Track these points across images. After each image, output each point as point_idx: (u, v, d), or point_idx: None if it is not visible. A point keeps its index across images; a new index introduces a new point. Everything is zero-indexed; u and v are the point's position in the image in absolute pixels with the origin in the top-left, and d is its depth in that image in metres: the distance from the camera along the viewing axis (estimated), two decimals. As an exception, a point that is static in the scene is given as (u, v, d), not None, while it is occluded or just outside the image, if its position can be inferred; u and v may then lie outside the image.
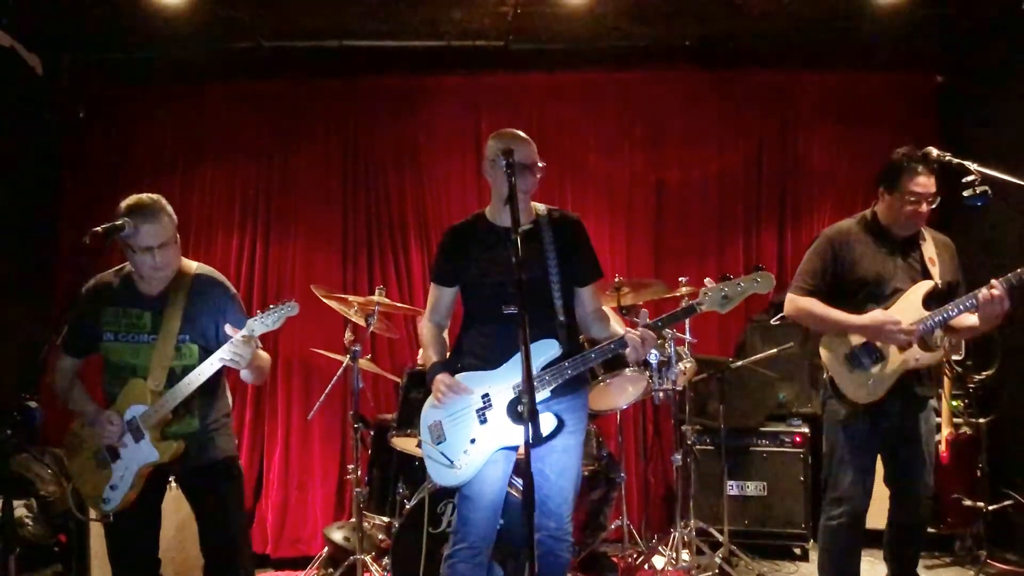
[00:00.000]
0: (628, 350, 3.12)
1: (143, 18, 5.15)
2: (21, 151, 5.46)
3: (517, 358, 3.13)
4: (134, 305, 3.24)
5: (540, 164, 3.28)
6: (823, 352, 3.71)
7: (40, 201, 5.71)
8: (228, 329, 3.14)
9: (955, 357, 5.20)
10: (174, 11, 5.05)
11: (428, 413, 3.32)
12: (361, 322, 4.82)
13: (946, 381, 5.14)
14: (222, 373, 3.33)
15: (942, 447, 5.05)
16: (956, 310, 3.49)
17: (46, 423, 5.12)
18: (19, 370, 5.05)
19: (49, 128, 5.77)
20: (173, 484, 3.43)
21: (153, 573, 3.32)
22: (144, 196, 3.19)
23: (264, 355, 3.34)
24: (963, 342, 5.11)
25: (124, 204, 3.16)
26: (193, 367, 3.16)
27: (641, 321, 3.16)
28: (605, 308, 3.50)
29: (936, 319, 3.51)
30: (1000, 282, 3.38)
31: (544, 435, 3.07)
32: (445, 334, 3.50)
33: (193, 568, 4.06)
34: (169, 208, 3.20)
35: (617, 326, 3.30)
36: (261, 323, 3.11)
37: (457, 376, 3.26)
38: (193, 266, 3.34)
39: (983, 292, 3.40)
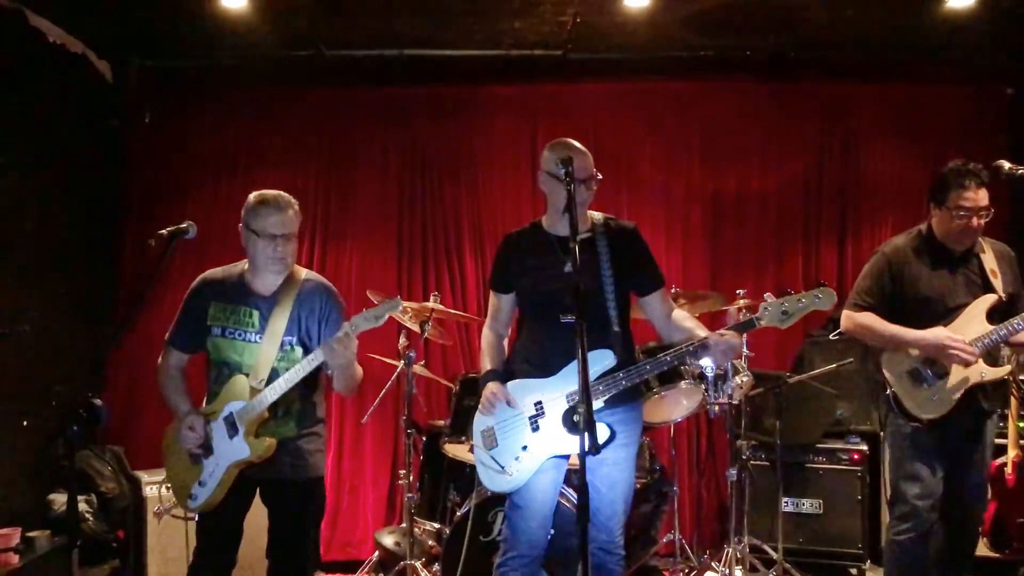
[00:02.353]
0: (708, 356, 3.06)
1: (208, 26, 5.27)
2: (89, 156, 5.61)
3: (571, 367, 3.11)
4: (244, 303, 3.28)
5: (597, 175, 3.27)
6: (885, 368, 3.65)
7: (106, 204, 5.85)
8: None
9: (1022, 377, 5.04)
10: (238, 19, 5.15)
11: (480, 420, 3.32)
12: (415, 328, 4.84)
13: (1013, 402, 4.98)
14: (319, 379, 3.35)
15: (1008, 469, 4.89)
16: (1018, 326, 3.42)
17: (108, 421, 5.28)
18: (86, 368, 5.18)
19: (116, 133, 5.91)
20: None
21: None
22: (273, 191, 3.32)
23: (359, 369, 3.31)
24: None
25: (254, 194, 3.30)
26: None
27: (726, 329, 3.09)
28: (684, 312, 3.39)
29: (1001, 333, 3.45)
30: None
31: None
32: (505, 342, 3.50)
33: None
34: (296, 205, 3.31)
35: (700, 329, 3.22)
36: (364, 319, 3.09)
37: (510, 383, 3.26)
38: (303, 272, 3.39)
39: None
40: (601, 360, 3.11)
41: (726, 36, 5.56)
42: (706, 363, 4.57)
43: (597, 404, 3.11)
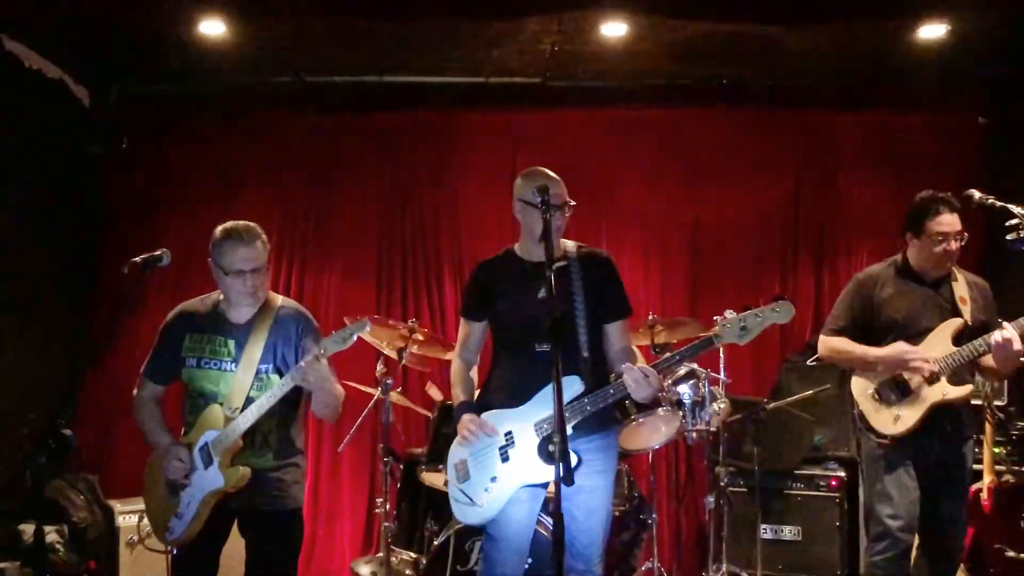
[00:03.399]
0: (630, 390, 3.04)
1: (188, 52, 5.27)
2: (65, 181, 5.58)
3: (540, 395, 3.11)
4: (219, 333, 3.26)
5: (571, 203, 3.28)
6: (853, 388, 3.76)
7: (81, 231, 5.82)
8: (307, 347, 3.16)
9: (997, 403, 5.07)
10: (217, 45, 5.16)
11: (455, 452, 3.29)
12: (393, 355, 4.81)
13: (988, 427, 5.01)
14: (298, 409, 3.32)
15: (984, 495, 4.91)
16: (980, 348, 3.50)
17: (80, 449, 5.21)
18: (57, 398, 5.11)
19: (93, 159, 5.88)
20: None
21: None
22: (240, 222, 3.26)
23: (339, 388, 3.29)
24: (1005, 387, 5.03)
25: (219, 228, 3.24)
26: None
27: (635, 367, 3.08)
28: (633, 347, 3.44)
29: (964, 354, 3.53)
30: (1011, 325, 3.41)
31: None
32: (474, 371, 3.48)
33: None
34: (263, 236, 3.25)
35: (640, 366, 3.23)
36: (332, 341, 3.07)
37: (484, 414, 3.23)
38: (279, 299, 3.37)
39: (995, 335, 3.42)
40: (569, 387, 3.06)
41: (704, 65, 5.62)
42: (683, 390, 4.58)
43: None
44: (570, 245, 3.36)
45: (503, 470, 3.17)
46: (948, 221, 3.60)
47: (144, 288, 4.08)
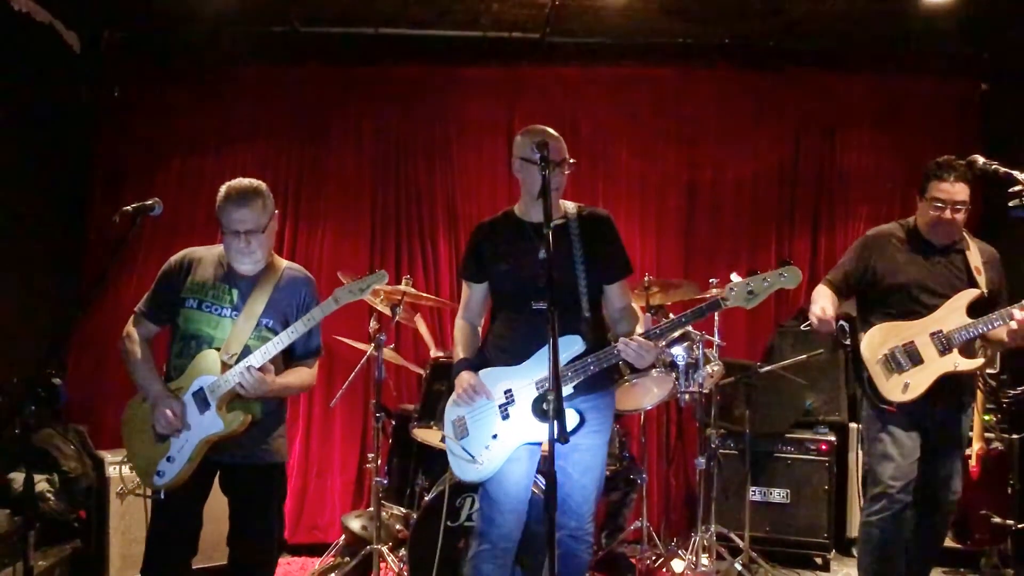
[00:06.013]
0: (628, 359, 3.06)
1: (181, -2, 5.16)
2: (56, 128, 5.48)
3: (540, 353, 3.11)
4: (223, 280, 3.24)
5: (570, 161, 3.24)
6: (864, 352, 3.73)
7: (72, 179, 5.73)
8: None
9: (989, 371, 5.10)
10: (212, -9, 5.06)
11: (451, 409, 3.29)
12: (387, 311, 4.79)
13: (979, 395, 5.05)
14: (282, 368, 3.30)
15: (972, 462, 4.95)
16: (995, 323, 3.50)
17: (71, 400, 5.19)
18: (46, 346, 5.08)
19: (84, 106, 5.78)
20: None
21: (185, 566, 3.26)
22: (244, 181, 3.21)
23: (300, 380, 3.32)
24: (998, 355, 5.05)
25: (224, 185, 3.20)
26: None
27: (642, 328, 3.11)
28: (635, 307, 3.44)
29: (979, 328, 3.53)
30: None
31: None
32: (479, 331, 3.47)
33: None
34: (267, 197, 3.20)
35: (640, 328, 3.25)
36: (348, 292, 3.08)
37: (482, 372, 3.23)
38: (284, 262, 3.36)
39: (1018, 313, 3.41)
40: (570, 346, 3.09)
41: (705, 23, 5.55)
42: (677, 352, 4.58)
43: (567, 390, 3.09)
44: (570, 205, 3.35)
45: (504, 428, 3.17)
46: (947, 189, 3.59)
47: (136, 237, 4.03)
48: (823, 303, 3.72)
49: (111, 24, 5.65)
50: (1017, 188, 3.31)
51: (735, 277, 3.00)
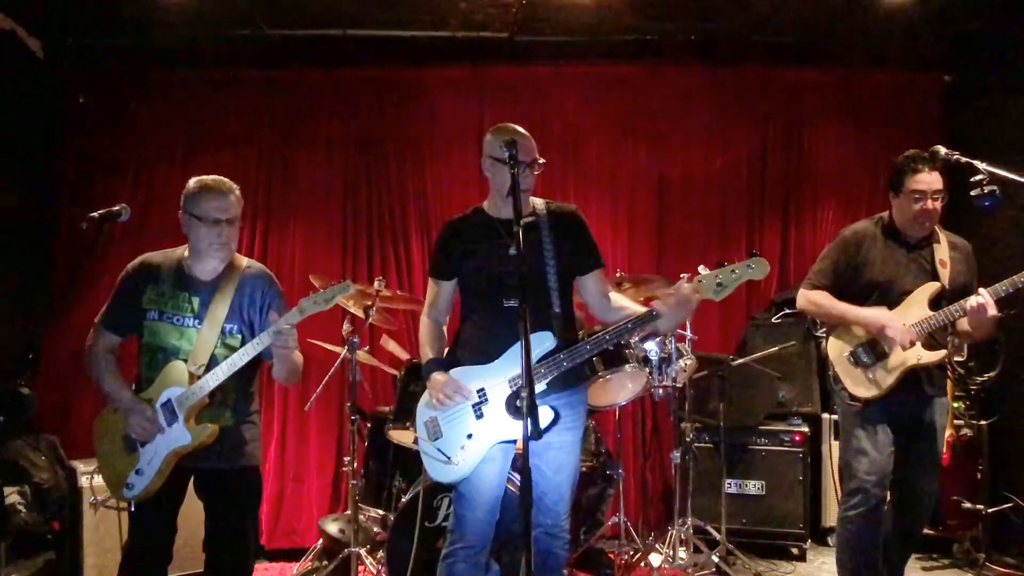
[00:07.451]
0: (660, 321, 3.03)
1: (146, 3, 5.11)
2: (20, 135, 5.41)
3: (512, 351, 3.11)
4: (182, 288, 3.22)
5: (540, 160, 3.25)
6: (829, 350, 3.78)
7: (38, 187, 5.66)
8: (272, 316, 3.11)
9: (957, 358, 5.15)
10: (177, -4, 5.01)
11: (423, 410, 3.28)
12: (360, 314, 4.78)
13: (948, 382, 5.11)
14: (256, 369, 3.30)
15: (942, 449, 5.02)
16: (955, 314, 3.55)
17: (40, 409, 5.12)
18: (14, 357, 5.02)
19: (49, 113, 5.72)
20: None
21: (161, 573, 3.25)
22: (213, 176, 3.25)
23: (299, 355, 3.30)
24: (966, 345, 5.11)
25: (194, 180, 3.22)
26: None
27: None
28: (616, 294, 3.39)
29: (939, 319, 3.57)
30: (987, 291, 3.45)
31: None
32: (444, 330, 3.46)
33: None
34: (237, 190, 3.26)
35: (635, 304, 3.24)
36: (313, 302, 3.05)
37: (453, 371, 3.22)
38: (244, 260, 3.34)
39: (971, 300, 3.46)
40: (541, 342, 3.09)
41: (672, 20, 5.57)
42: (650, 347, 4.60)
43: (540, 387, 3.09)
44: (539, 202, 3.35)
45: (478, 427, 3.17)
46: (925, 179, 3.62)
47: (104, 243, 3.99)
48: (860, 312, 3.69)
49: (75, 30, 5.58)
50: (979, 177, 3.36)
51: (703, 269, 3.02)
